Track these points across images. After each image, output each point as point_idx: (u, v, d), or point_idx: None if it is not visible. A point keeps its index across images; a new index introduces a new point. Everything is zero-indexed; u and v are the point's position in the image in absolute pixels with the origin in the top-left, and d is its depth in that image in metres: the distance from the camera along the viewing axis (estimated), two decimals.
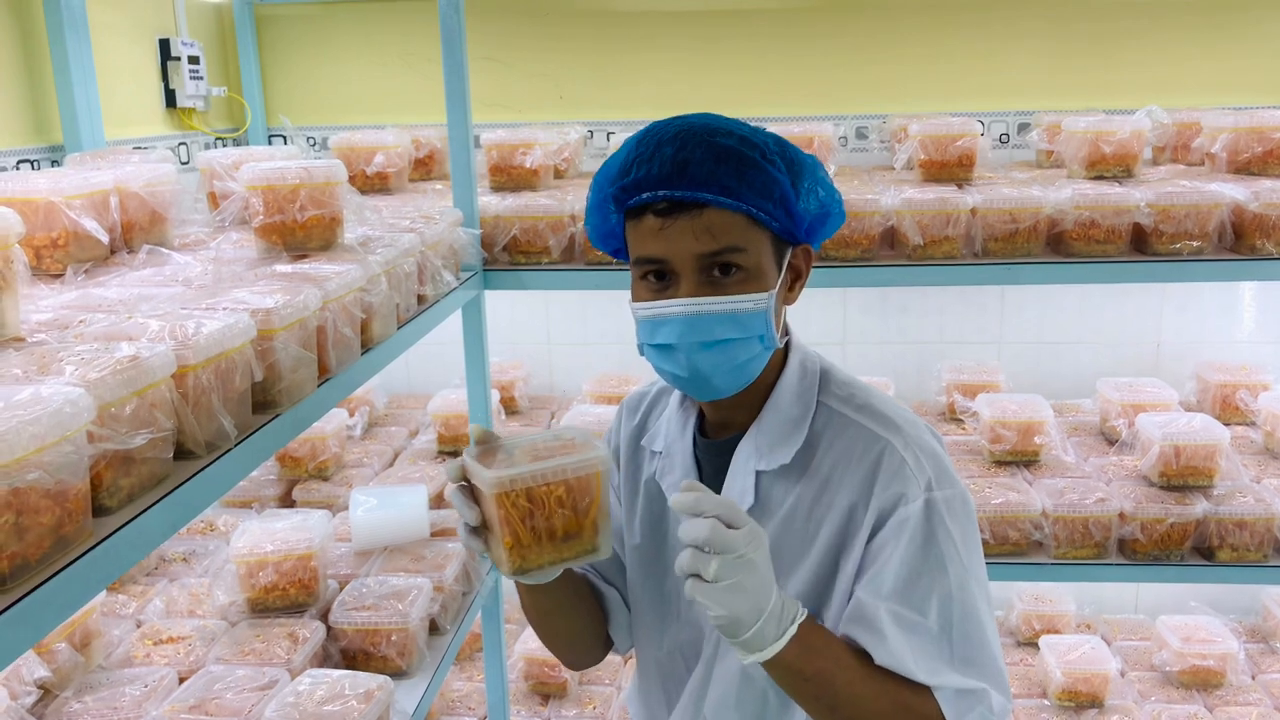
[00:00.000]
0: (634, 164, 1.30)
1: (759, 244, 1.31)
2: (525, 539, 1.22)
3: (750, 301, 1.30)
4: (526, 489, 1.20)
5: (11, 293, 1.35)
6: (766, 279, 1.32)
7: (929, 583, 1.30)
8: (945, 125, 2.98)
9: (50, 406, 1.04)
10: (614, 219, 1.37)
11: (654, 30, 3.53)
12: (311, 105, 3.69)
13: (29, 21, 2.54)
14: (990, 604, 1.37)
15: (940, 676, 1.30)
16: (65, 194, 1.72)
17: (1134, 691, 3.34)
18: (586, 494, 1.24)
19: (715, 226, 1.27)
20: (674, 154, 1.27)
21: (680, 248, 1.28)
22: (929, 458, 1.35)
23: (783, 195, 1.29)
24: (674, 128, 1.31)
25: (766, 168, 1.28)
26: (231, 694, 1.96)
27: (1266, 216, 2.60)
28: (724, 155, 1.27)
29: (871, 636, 1.30)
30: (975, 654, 1.32)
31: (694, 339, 1.30)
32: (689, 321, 1.29)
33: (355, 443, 3.34)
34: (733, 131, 1.30)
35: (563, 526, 1.23)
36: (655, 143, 1.30)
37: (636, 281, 1.36)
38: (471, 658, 3.53)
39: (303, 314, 1.59)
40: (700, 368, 1.32)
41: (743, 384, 1.36)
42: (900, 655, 1.29)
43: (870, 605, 1.30)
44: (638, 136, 1.33)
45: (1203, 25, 3.40)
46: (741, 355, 1.32)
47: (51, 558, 1.06)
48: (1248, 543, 2.75)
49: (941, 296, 3.62)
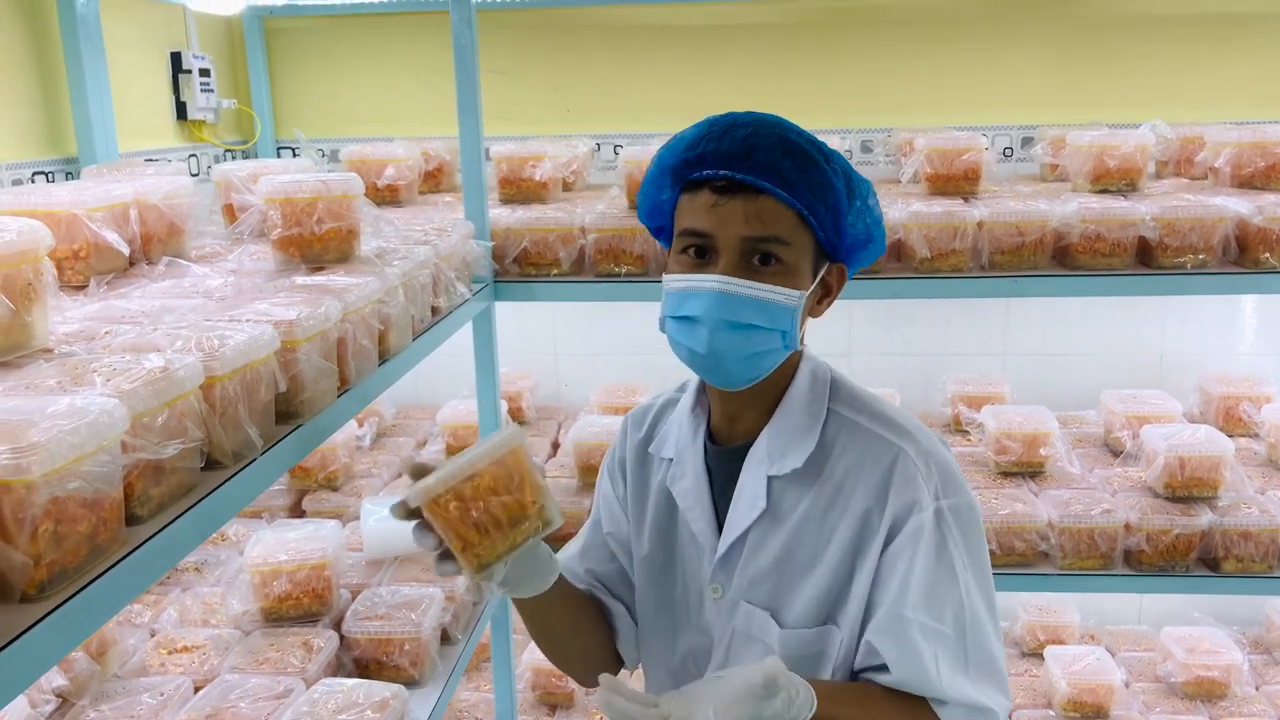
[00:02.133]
0: (704, 139, 1.33)
1: (802, 244, 1.33)
2: (473, 538, 1.22)
3: (782, 294, 1.32)
4: (453, 490, 1.20)
5: (41, 304, 1.37)
6: (802, 279, 1.35)
7: (945, 592, 1.34)
8: (951, 139, 3.00)
9: (88, 417, 1.06)
10: (667, 193, 1.40)
11: (661, 44, 3.56)
12: (320, 118, 3.72)
13: (44, 36, 2.56)
14: (994, 608, 1.40)
15: (957, 688, 1.33)
16: (87, 206, 1.74)
17: (1139, 702, 3.35)
18: (515, 473, 1.24)
19: (767, 214, 1.30)
20: (745, 136, 1.31)
21: (728, 227, 1.31)
22: (939, 465, 1.37)
23: (836, 201, 1.33)
24: (750, 116, 1.36)
25: (828, 171, 1.32)
26: (247, 703, 1.97)
27: (1270, 230, 2.62)
28: (791, 149, 1.31)
29: (899, 649, 1.33)
30: (984, 659, 1.36)
31: (720, 315, 1.31)
32: (719, 298, 1.31)
33: (364, 453, 3.36)
34: (803, 133, 1.35)
35: (505, 513, 1.23)
36: (729, 124, 1.34)
37: (676, 255, 1.38)
38: (479, 668, 3.54)
39: (324, 326, 1.61)
40: (718, 347, 1.33)
41: (754, 376, 1.37)
42: (924, 667, 1.32)
43: (900, 618, 1.33)
44: (710, 119, 1.37)
45: (1206, 40, 3.43)
46: (761, 345, 1.34)
47: (87, 566, 1.08)
48: (1253, 554, 2.76)
49: (946, 308, 3.64)
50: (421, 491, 1.20)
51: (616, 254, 2.79)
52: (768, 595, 1.42)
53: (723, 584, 1.45)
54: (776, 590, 1.41)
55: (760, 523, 1.41)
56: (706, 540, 1.46)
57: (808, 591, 1.39)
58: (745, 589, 1.43)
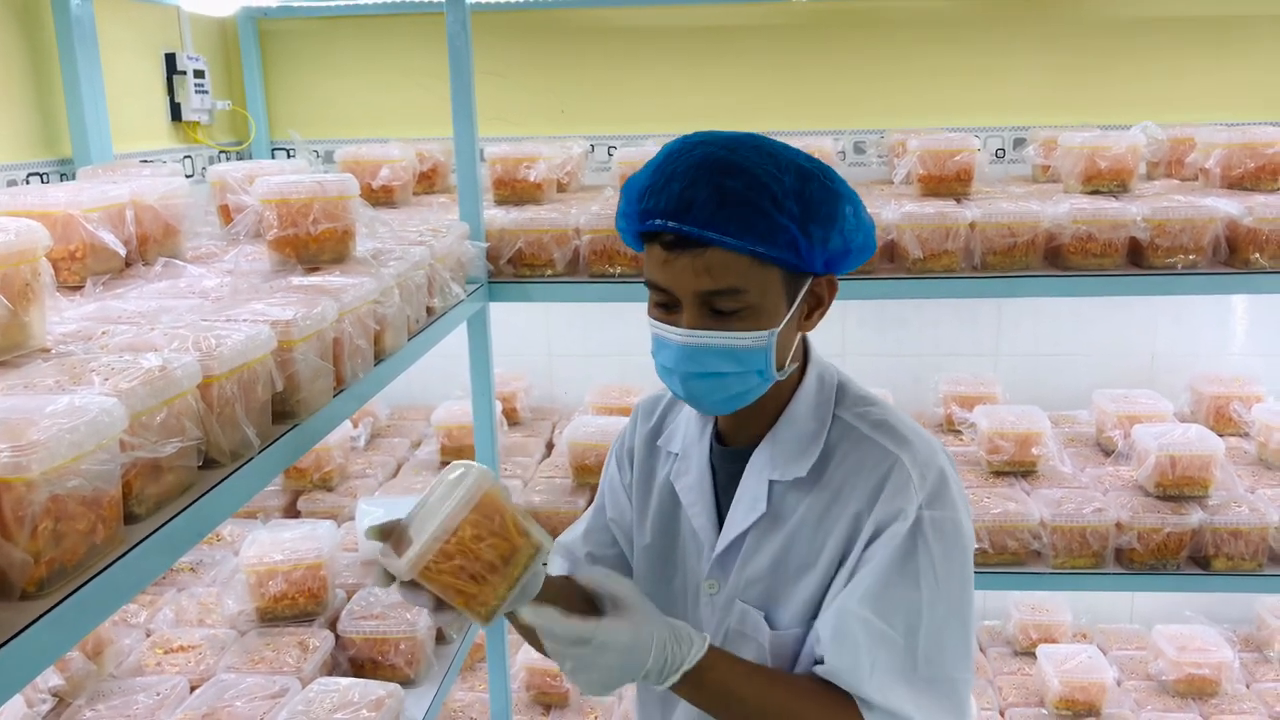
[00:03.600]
0: (647, 193, 1.31)
1: (765, 281, 1.30)
2: (472, 589, 1.21)
3: (749, 339, 1.31)
4: (440, 551, 1.19)
5: (38, 304, 1.38)
6: (771, 316, 1.32)
7: (899, 595, 1.32)
8: (943, 140, 3.02)
9: (87, 416, 1.06)
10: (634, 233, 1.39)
11: (655, 46, 3.58)
12: (314, 119, 3.72)
13: (39, 38, 2.57)
14: (967, 630, 1.36)
15: (889, 694, 1.30)
16: (83, 207, 1.75)
17: (1130, 700, 3.37)
18: (494, 514, 1.22)
19: (715, 267, 1.27)
20: (680, 191, 1.26)
21: (682, 283, 1.30)
22: (934, 476, 1.36)
23: (790, 240, 1.27)
24: (688, 160, 1.29)
25: (772, 214, 1.25)
26: (243, 702, 1.98)
27: (1260, 230, 2.64)
28: (728, 199, 1.25)
29: (837, 639, 1.32)
30: (934, 675, 1.32)
31: (688, 369, 1.33)
32: (685, 351, 1.32)
33: (359, 453, 3.36)
34: (747, 170, 1.26)
35: (496, 555, 1.22)
36: (667, 176, 1.29)
37: (650, 298, 1.38)
38: (474, 668, 3.54)
39: (321, 325, 1.61)
40: (695, 393, 1.36)
41: (740, 407, 1.39)
42: (857, 662, 1.31)
43: (844, 610, 1.32)
44: (659, 159, 1.33)
45: (1197, 43, 3.45)
46: (736, 387, 1.35)
47: (86, 564, 1.09)
48: (1243, 552, 2.78)
49: (939, 309, 3.66)
50: (411, 564, 1.18)
51: (611, 255, 2.80)
52: (762, 596, 1.43)
53: (719, 581, 1.47)
54: (771, 591, 1.42)
55: (759, 525, 1.42)
56: (706, 537, 1.48)
57: (800, 594, 1.40)
58: (741, 588, 1.44)
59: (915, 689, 1.31)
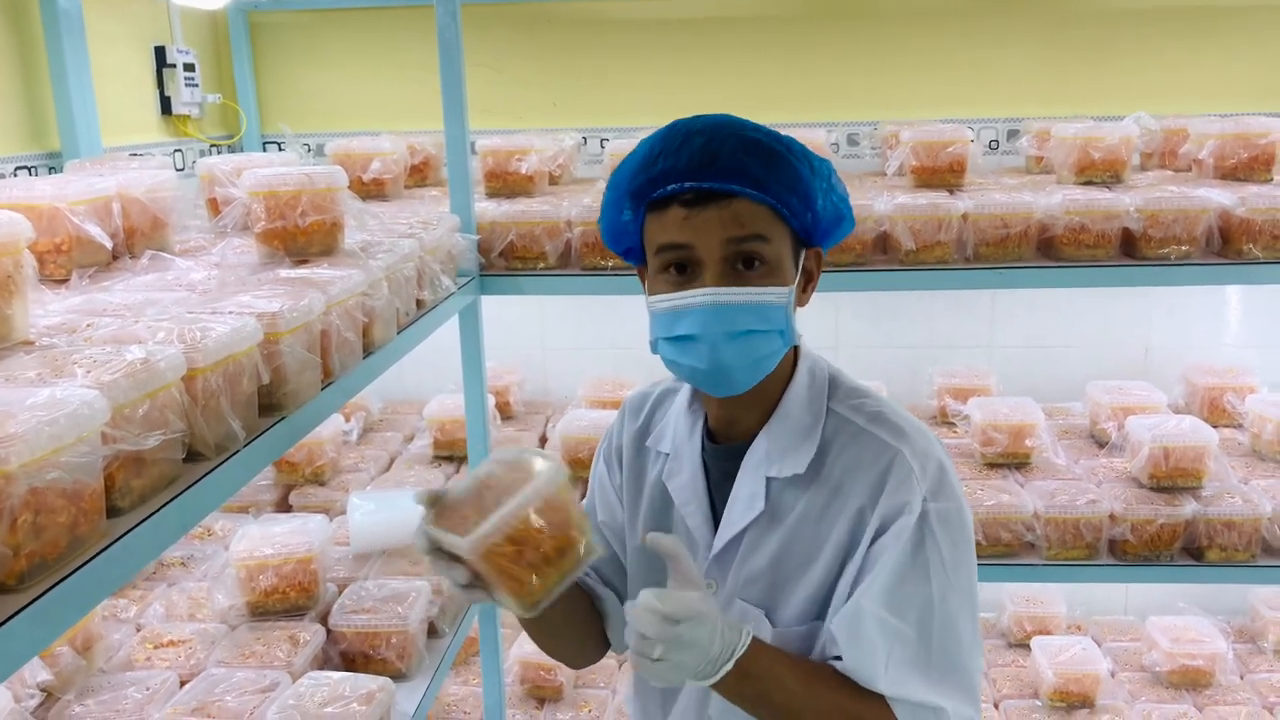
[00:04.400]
0: (660, 156, 1.31)
1: (781, 238, 1.32)
2: (524, 577, 1.21)
3: (774, 294, 1.31)
4: (506, 536, 1.19)
5: (21, 297, 1.37)
6: (787, 273, 1.34)
7: (912, 590, 1.32)
8: (936, 132, 3.01)
9: (67, 408, 1.05)
10: (629, 215, 1.38)
11: (646, 38, 3.56)
12: (305, 112, 3.71)
13: (27, 30, 2.55)
14: (976, 618, 1.37)
15: (905, 688, 1.31)
16: (69, 200, 1.74)
17: (1124, 692, 3.37)
18: (560, 509, 1.23)
19: (743, 215, 1.29)
20: (704, 144, 1.29)
21: (707, 235, 1.29)
22: (934, 468, 1.36)
23: (807, 190, 1.31)
24: (701, 122, 1.33)
25: (793, 162, 1.31)
26: (233, 696, 1.97)
27: (1253, 221, 2.64)
28: (753, 147, 1.29)
29: (852, 637, 1.32)
30: (950, 668, 1.33)
31: (718, 329, 1.30)
32: (714, 311, 1.30)
33: (351, 448, 3.35)
34: (759, 128, 1.33)
35: (553, 547, 1.22)
36: (684, 135, 1.31)
37: (655, 276, 1.36)
38: (467, 662, 3.54)
39: (307, 318, 1.60)
40: (722, 359, 1.32)
41: (758, 379, 1.37)
42: (873, 660, 1.31)
43: (859, 608, 1.32)
44: (661, 132, 1.34)
45: (1190, 33, 3.45)
46: (763, 348, 1.34)
47: (68, 557, 1.08)
48: (1236, 543, 2.78)
49: (932, 301, 3.65)
50: (474, 544, 1.17)
51: (603, 248, 2.77)
52: (762, 594, 1.41)
53: (717, 580, 1.45)
54: (771, 589, 1.41)
55: (758, 523, 1.41)
56: (702, 536, 1.46)
57: (802, 591, 1.39)
58: (740, 587, 1.42)
59: (930, 680, 1.31)
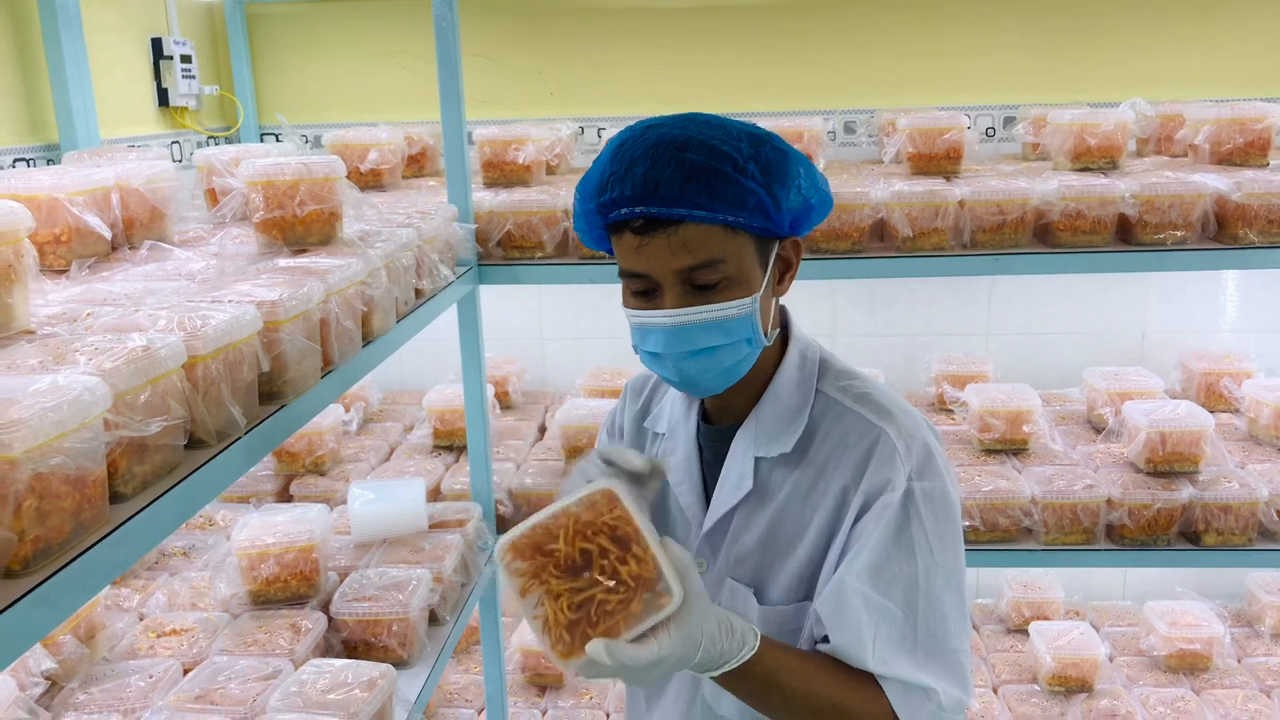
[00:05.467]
0: (609, 182, 1.30)
1: (739, 250, 1.31)
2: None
3: (734, 308, 1.32)
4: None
5: (22, 286, 1.37)
6: (750, 283, 1.33)
7: (897, 569, 1.32)
8: (933, 119, 3.01)
9: (69, 394, 1.06)
10: (599, 230, 1.38)
11: (643, 26, 3.56)
12: (303, 103, 3.71)
13: (24, 22, 2.55)
14: (962, 599, 1.37)
15: (892, 665, 1.31)
16: (68, 190, 1.74)
17: (1122, 676, 3.39)
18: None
19: (691, 241, 1.28)
20: (644, 173, 1.27)
21: (660, 264, 1.29)
22: (919, 448, 1.37)
23: (758, 203, 1.29)
24: (645, 143, 1.30)
25: (738, 180, 1.27)
26: (236, 684, 1.98)
27: (1248, 206, 2.64)
28: (694, 173, 1.26)
29: (837, 616, 1.32)
30: (936, 647, 1.33)
31: (679, 349, 1.33)
32: (673, 332, 1.32)
33: (351, 438, 3.36)
34: (704, 143, 1.28)
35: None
36: (628, 161, 1.29)
37: (624, 288, 1.38)
38: (468, 650, 3.55)
39: (307, 306, 1.61)
40: (688, 373, 1.35)
41: (733, 382, 1.39)
42: (860, 639, 1.31)
43: (844, 585, 1.33)
44: (610, 150, 1.33)
45: (1185, 19, 3.45)
46: (729, 359, 1.35)
47: (72, 542, 1.09)
48: (1233, 527, 2.79)
49: (929, 288, 3.66)
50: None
51: None
52: (751, 573, 1.44)
53: (708, 559, 1.47)
54: (760, 568, 1.43)
55: (746, 502, 1.43)
56: (694, 515, 1.49)
57: (789, 570, 1.41)
58: (730, 566, 1.45)
59: (918, 660, 1.32)
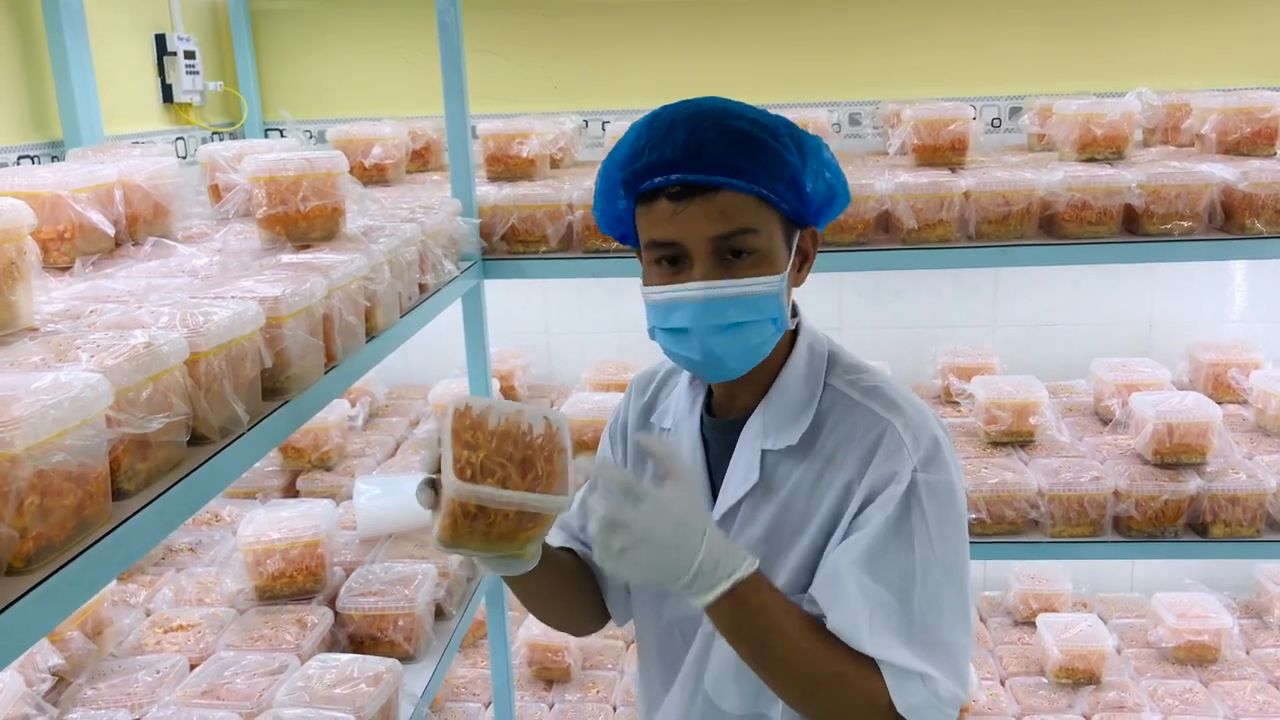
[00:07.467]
0: (646, 148, 1.30)
1: (771, 226, 1.32)
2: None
3: (763, 284, 1.32)
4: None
5: (25, 283, 1.38)
6: (778, 261, 1.34)
7: (894, 557, 1.31)
8: (938, 110, 3.00)
9: (71, 391, 1.07)
10: (622, 204, 1.38)
11: (647, 20, 3.55)
12: (307, 99, 3.70)
13: (28, 19, 2.55)
14: (963, 594, 1.36)
15: (889, 651, 1.30)
16: (71, 187, 1.75)
17: (1130, 668, 3.38)
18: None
19: (729, 209, 1.28)
20: (686, 137, 1.28)
21: (694, 231, 1.29)
22: (927, 441, 1.36)
23: (794, 176, 1.30)
24: (685, 111, 1.31)
25: (778, 150, 1.29)
26: (242, 679, 1.99)
27: (1256, 196, 2.63)
28: (737, 137, 1.28)
29: (833, 599, 1.32)
30: (931, 639, 1.32)
31: (708, 322, 1.32)
32: (703, 305, 1.31)
33: (357, 433, 3.37)
34: (744, 114, 1.31)
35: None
36: (667, 126, 1.30)
37: (649, 266, 1.37)
38: (475, 644, 3.56)
39: (309, 302, 1.61)
40: (714, 350, 1.34)
41: (753, 365, 1.39)
42: (856, 622, 1.30)
43: (839, 568, 1.32)
44: (647, 120, 1.34)
45: (1192, 8, 3.43)
46: (755, 338, 1.35)
47: (74, 539, 1.09)
48: (1240, 518, 2.78)
49: (935, 280, 3.65)
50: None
51: None
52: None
53: None
54: (765, 561, 1.42)
55: (752, 495, 1.43)
56: None
57: (794, 562, 1.40)
58: None
59: (914, 651, 1.31)
